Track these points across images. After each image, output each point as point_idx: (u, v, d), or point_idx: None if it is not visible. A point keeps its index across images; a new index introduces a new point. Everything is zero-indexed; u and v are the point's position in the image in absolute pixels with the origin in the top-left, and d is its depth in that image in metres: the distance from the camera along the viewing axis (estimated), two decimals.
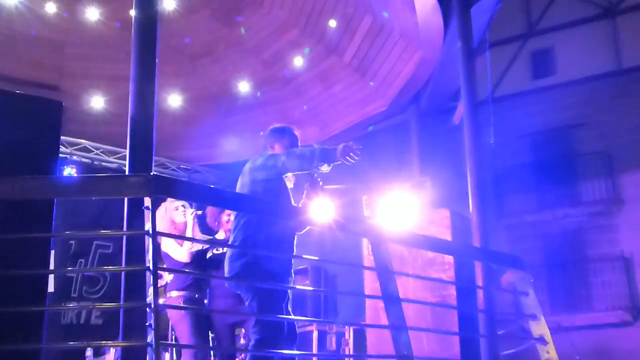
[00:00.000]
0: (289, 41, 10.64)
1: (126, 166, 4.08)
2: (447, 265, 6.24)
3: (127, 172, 3.96)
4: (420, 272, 6.18)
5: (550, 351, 4.81)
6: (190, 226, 6.38)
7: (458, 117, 9.07)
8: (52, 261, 4.00)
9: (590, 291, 15.20)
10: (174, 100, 11.23)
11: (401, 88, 10.08)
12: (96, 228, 9.52)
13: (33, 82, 10.39)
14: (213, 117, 11.69)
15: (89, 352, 7.47)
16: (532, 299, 4.94)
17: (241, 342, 6.91)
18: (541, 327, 4.89)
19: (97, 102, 10.87)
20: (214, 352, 6.48)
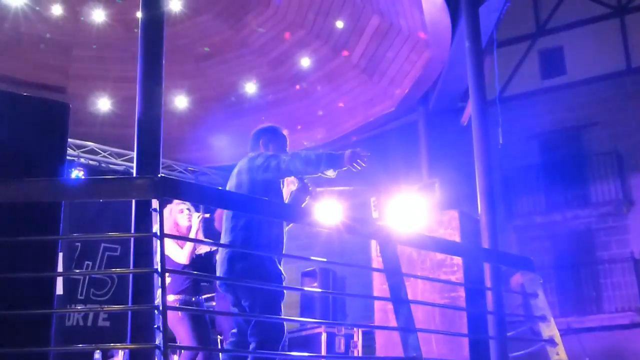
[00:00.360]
0: (296, 42, 10.63)
1: (133, 168, 4.07)
2: (456, 266, 6.23)
3: (135, 174, 3.95)
4: (429, 274, 6.16)
5: (560, 353, 4.78)
6: (194, 229, 6.36)
7: (466, 118, 9.03)
8: (60, 264, 3.98)
9: (600, 292, 15.15)
10: (181, 102, 11.23)
11: (409, 88, 10.05)
12: (104, 231, 9.53)
13: (39, 84, 10.40)
14: (220, 119, 11.68)
15: (97, 355, 7.47)
16: (542, 301, 4.91)
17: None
18: (551, 329, 4.85)
19: (104, 104, 10.87)
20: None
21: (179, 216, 6.38)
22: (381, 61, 10.13)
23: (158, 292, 3.18)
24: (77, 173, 10.10)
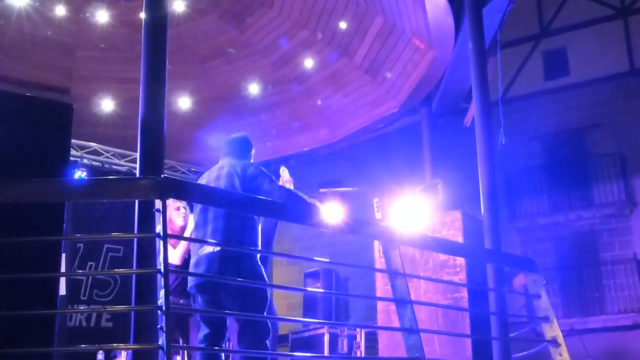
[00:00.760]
0: (299, 43, 10.63)
1: (136, 169, 4.07)
2: (459, 267, 6.22)
3: (138, 175, 3.95)
4: (432, 275, 6.16)
5: (562, 353, 4.77)
6: (189, 229, 6.21)
7: (469, 119, 9.02)
8: (63, 264, 3.99)
9: (603, 294, 15.14)
10: (184, 102, 11.24)
11: (412, 89, 10.05)
12: (107, 231, 9.53)
13: (43, 85, 10.41)
14: (223, 120, 11.68)
15: (100, 356, 7.48)
16: (545, 301, 4.90)
17: None
18: (554, 329, 4.85)
19: (107, 105, 10.88)
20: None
21: (175, 214, 6.27)
22: (384, 62, 10.13)
23: (161, 293, 3.18)
24: (80, 174, 10.11)
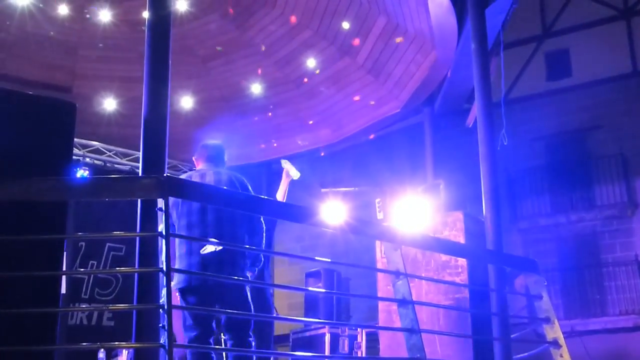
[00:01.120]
0: (302, 43, 10.63)
1: (139, 168, 4.07)
2: (461, 268, 6.22)
3: (140, 174, 3.96)
4: (433, 275, 6.16)
5: (563, 355, 4.78)
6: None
7: (472, 120, 9.03)
8: (64, 263, 3.99)
9: (604, 295, 15.13)
10: (187, 102, 11.24)
11: (415, 90, 10.05)
12: (109, 230, 9.52)
13: (45, 84, 10.42)
14: (225, 119, 11.68)
15: (101, 354, 7.49)
16: (546, 302, 4.91)
17: None
18: (555, 331, 4.85)
19: (110, 104, 10.88)
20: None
21: None
22: (387, 62, 10.13)
23: (163, 292, 3.19)
24: (82, 172, 10.11)
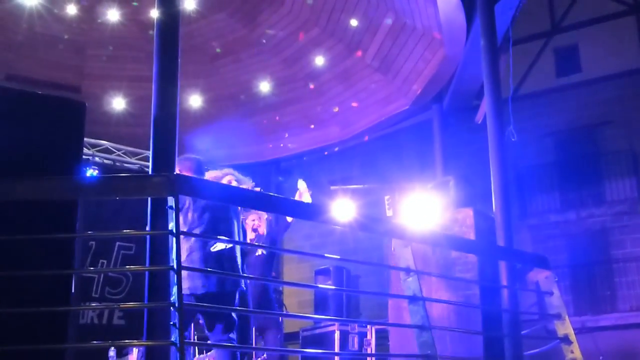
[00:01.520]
0: (310, 40, 10.63)
1: (148, 167, 4.08)
2: (471, 264, 6.20)
3: (150, 172, 3.97)
4: (443, 272, 6.15)
5: (574, 351, 4.77)
6: None
7: (481, 116, 9.00)
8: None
9: (614, 291, 15.08)
10: (195, 100, 11.26)
11: (423, 87, 10.03)
12: (119, 229, 9.54)
13: (54, 84, 10.46)
14: (234, 117, 11.70)
15: (112, 353, 7.51)
16: (557, 299, 4.90)
17: None
18: (566, 327, 4.85)
19: (119, 103, 10.91)
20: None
21: None
22: (395, 59, 10.12)
23: (174, 290, 3.20)
24: (92, 172, 10.13)
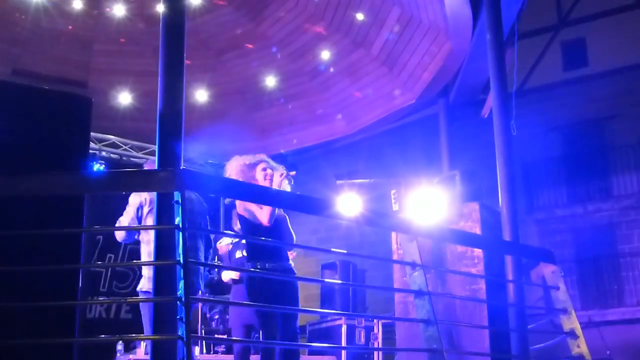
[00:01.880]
0: (316, 34, 10.62)
1: (155, 161, 4.08)
2: (477, 259, 6.20)
3: (156, 167, 3.97)
4: (449, 266, 6.14)
5: (580, 345, 4.78)
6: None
7: (487, 110, 8.98)
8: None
9: (621, 286, 15.07)
10: (201, 95, 11.27)
11: (430, 81, 10.01)
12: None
13: (61, 79, 10.47)
14: (240, 112, 11.71)
15: (120, 347, 7.54)
16: (563, 293, 4.90)
17: None
18: (572, 321, 4.85)
19: (125, 98, 10.93)
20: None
21: (260, 174, 5.72)
22: (401, 53, 10.10)
23: (181, 284, 3.20)
24: (98, 166, 10.18)
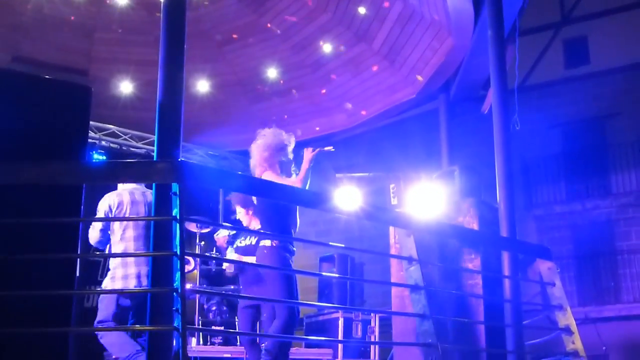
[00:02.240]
0: (319, 27, 10.60)
1: (154, 152, 4.08)
2: (474, 254, 6.21)
3: (155, 158, 3.98)
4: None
5: (575, 341, 4.81)
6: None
7: (487, 106, 8.98)
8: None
9: (618, 283, 15.10)
10: (203, 86, 11.25)
11: (431, 76, 10.02)
12: None
13: (62, 67, 10.46)
14: (241, 103, 11.70)
15: None
16: (559, 290, 4.93)
17: None
18: (567, 318, 4.88)
19: (126, 87, 10.91)
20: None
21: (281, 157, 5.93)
22: (403, 48, 10.10)
23: (177, 275, 3.22)
24: (98, 156, 10.17)
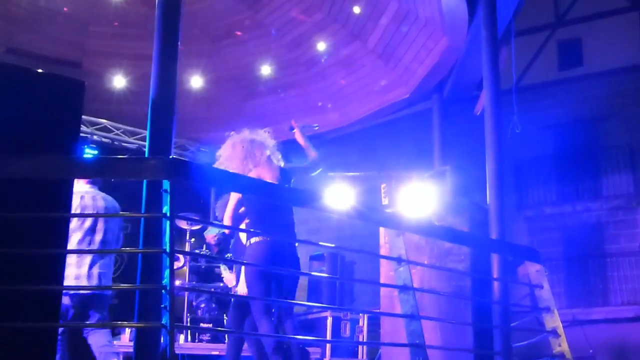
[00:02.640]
0: (314, 25, 10.60)
1: (146, 147, 4.07)
2: (464, 255, 6.23)
3: (147, 154, 3.97)
4: (436, 262, 6.17)
5: (562, 344, 4.83)
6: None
7: (479, 108, 9.00)
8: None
9: (607, 285, 15.16)
10: (196, 81, 11.23)
11: (424, 76, 10.03)
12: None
13: (55, 59, 10.42)
14: (235, 100, 11.69)
15: None
16: (547, 292, 4.94)
17: None
18: (554, 320, 4.90)
19: (119, 82, 10.88)
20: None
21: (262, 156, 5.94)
22: (397, 47, 10.10)
23: (166, 273, 3.21)
24: (90, 151, 10.15)
